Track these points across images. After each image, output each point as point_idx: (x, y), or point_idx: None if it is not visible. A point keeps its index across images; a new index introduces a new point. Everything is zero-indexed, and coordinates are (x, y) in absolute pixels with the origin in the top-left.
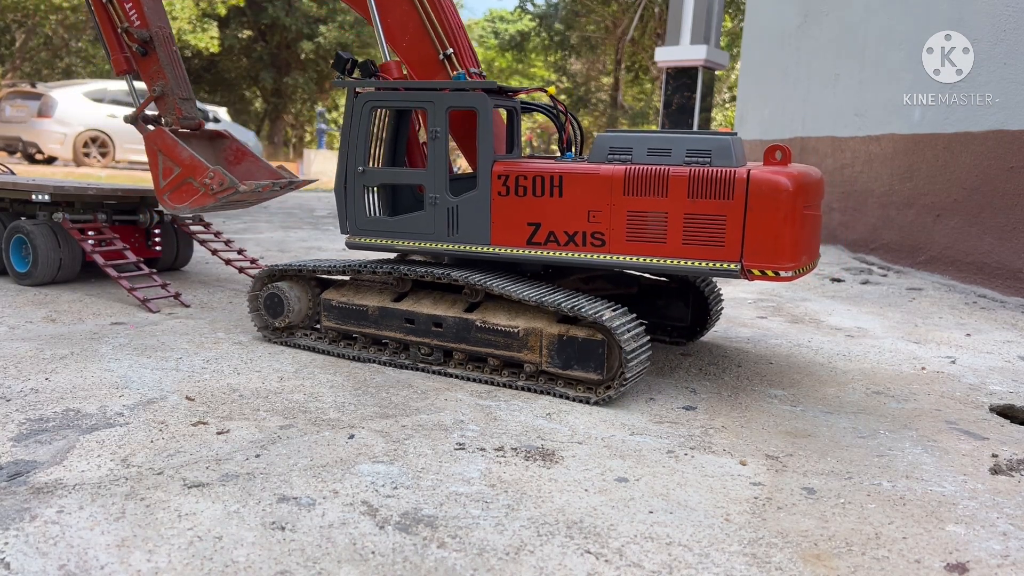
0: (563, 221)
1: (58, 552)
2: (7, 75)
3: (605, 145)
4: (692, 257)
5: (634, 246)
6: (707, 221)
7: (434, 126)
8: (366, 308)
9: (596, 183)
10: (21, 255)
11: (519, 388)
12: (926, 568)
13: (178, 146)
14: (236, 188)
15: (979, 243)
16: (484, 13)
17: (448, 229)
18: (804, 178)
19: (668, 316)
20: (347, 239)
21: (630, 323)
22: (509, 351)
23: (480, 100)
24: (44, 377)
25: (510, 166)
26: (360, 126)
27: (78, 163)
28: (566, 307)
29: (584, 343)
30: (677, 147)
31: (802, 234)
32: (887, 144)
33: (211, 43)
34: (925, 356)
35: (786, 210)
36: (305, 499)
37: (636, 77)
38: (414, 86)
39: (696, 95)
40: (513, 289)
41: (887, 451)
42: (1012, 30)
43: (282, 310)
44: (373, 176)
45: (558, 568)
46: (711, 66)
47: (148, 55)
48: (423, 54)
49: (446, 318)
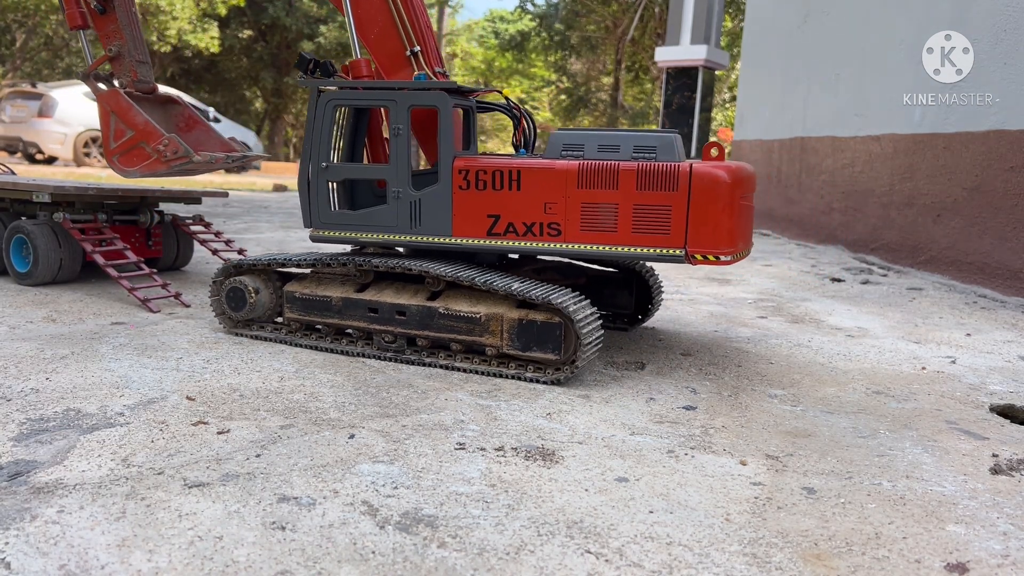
0: (521, 213)
1: (58, 552)
2: (7, 75)
3: (559, 142)
4: (641, 244)
5: (588, 235)
6: (654, 211)
7: (396, 123)
8: (329, 299)
9: (552, 177)
10: (21, 255)
11: (480, 373)
12: (926, 568)
13: (132, 109)
14: (190, 158)
15: (979, 243)
16: (484, 13)
17: (411, 222)
18: (740, 172)
19: (614, 304)
20: (311, 233)
21: (586, 308)
22: (471, 336)
23: (441, 99)
24: (45, 377)
25: (470, 162)
26: (323, 123)
27: (78, 163)
28: (535, 295)
29: (543, 326)
30: (625, 144)
31: (739, 222)
32: (887, 144)
33: (211, 43)
34: (925, 356)
35: (725, 200)
36: (305, 499)
37: (636, 77)
38: (377, 85)
39: (696, 95)
40: (481, 279)
41: (887, 451)
42: (1012, 30)
43: (244, 303)
44: (336, 171)
45: (558, 568)
46: (711, 66)
47: (107, 13)
48: (391, 49)
49: (410, 306)
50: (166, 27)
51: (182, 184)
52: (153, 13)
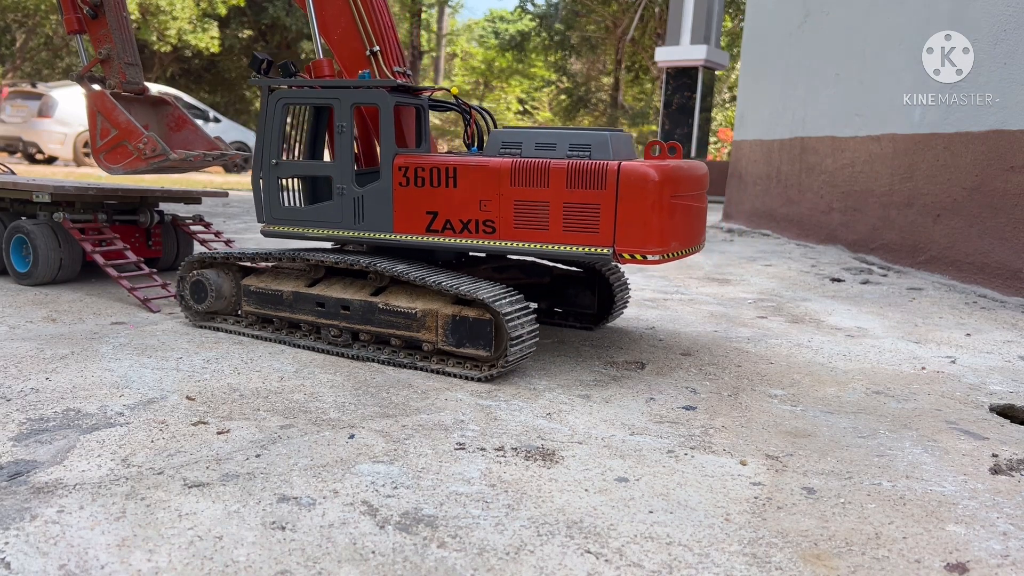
0: (458, 210)
1: (58, 552)
2: (8, 75)
3: (498, 140)
4: (571, 243)
5: (521, 233)
6: (583, 209)
7: (340, 121)
8: (281, 293)
9: (486, 175)
10: (21, 255)
11: (418, 368)
12: (926, 568)
13: (116, 109)
14: (167, 156)
15: (979, 243)
16: (484, 13)
17: (355, 218)
18: (675, 171)
19: (578, 304)
20: (262, 228)
21: (516, 304)
22: (409, 331)
23: (381, 97)
24: (44, 377)
25: (409, 159)
26: (274, 121)
27: (78, 163)
28: (463, 290)
29: (474, 322)
30: (561, 142)
31: (670, 222)
32: (887, 144)
33: (211, 43)
34: (925, 356)
35: (652, 199)
36: (305, 499)
37: (636, 77)
38: (321, 84)
39: (696, 95)
40: (416, 275)
41: (887, 451)
42: (1012, 30)
43: (205, 296)
44: (286, 168)
45: (558, 568)
46: (711, 66)
47: (98, 18)
48: (352, 48)
49: (353, 301)
50: (166, 27)
51: (182, 184)
52: (153, 13)
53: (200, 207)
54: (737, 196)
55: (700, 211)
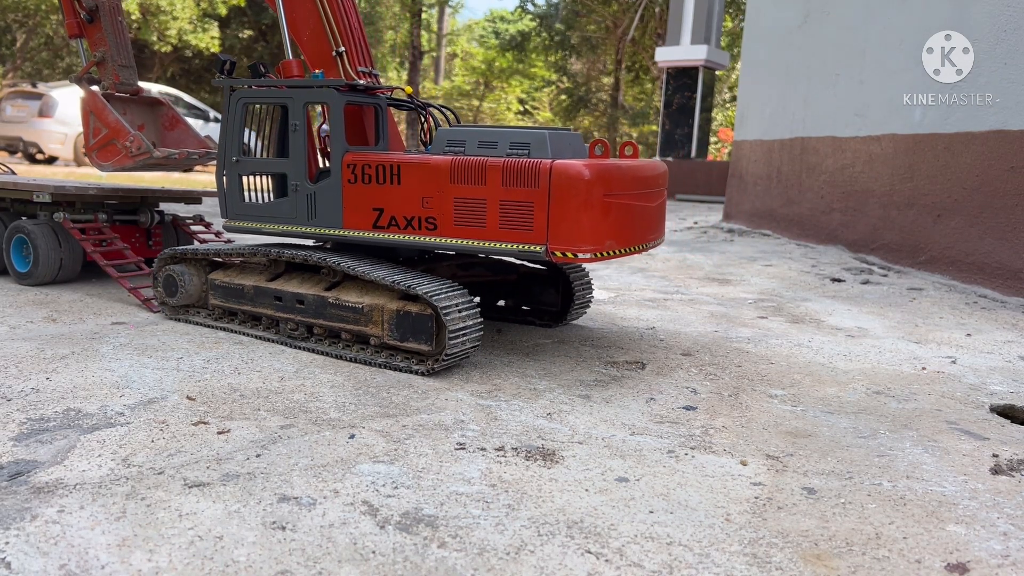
0: (402, 207)
1: (59, 552)
2: (8, 75)
3: (444, 138)
4: (507, 240)
5: (460, 230)
6: (518, 207)
7: (294, 119)
8: (243, 287)
9: (428, 172)
10: (22, 255)
11: (366, 363)
12: (926, 568)
13: (106, 109)
14: (151, 154)
15: (980, 243)
16: (484, 13)
17: (308, 214)
18: (611, 169)
19: (542, 302)
20: (224, 223)
21: (455, 298)
22: (358, 325)
23: (331, 96)
24: (45, 377)
25: (358, 156)
26: (235, 120)
27: (79, 163)
28: (405, 285)
29: (417, 317)
30: (503, 140)
31: (603, 220)
32: (887, 144)
33: (212, 43)
34: (925, 356)
35: (583, 197)
36: (306, 499)
37: (637, 77)
38: (275, 84)
39: (696, 95)
40: (361, 269)
41: (887, 451)
42: (1012, 30)
43: (176, 290)
44: (246, 165)
45: (558, 568)
46: (711, 66)
47: (94, 22)
48: (320, 49)
49: (307, 295)
50: (167, 27)
51: (182, 184)
52: (154, 13)
53: (200, 207)
54: (737, 196)
55: (647, 210)
